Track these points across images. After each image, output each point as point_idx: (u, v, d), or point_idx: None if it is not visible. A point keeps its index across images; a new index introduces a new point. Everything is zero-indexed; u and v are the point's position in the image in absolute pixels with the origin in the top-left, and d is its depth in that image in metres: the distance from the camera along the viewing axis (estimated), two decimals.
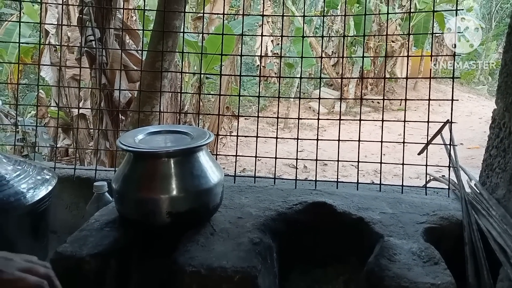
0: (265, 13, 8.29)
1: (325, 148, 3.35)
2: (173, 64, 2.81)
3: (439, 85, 12.11)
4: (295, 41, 7.69)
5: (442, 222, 1.09)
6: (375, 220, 1.08)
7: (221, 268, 0.86)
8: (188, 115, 4.96)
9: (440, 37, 11.68)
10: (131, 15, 5.56)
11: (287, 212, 1.12)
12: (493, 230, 1.00)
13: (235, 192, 1.27)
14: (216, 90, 8.60)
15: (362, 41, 1.51)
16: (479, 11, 14.36)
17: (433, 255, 0.92)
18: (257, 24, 7.98)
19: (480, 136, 7.43)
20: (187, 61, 6.31)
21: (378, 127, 1.37)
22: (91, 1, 2.85)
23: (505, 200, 1.10)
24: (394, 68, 10.86)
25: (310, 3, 11.91)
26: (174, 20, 2.26)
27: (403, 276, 0.85)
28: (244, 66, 12.36)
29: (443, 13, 7.41)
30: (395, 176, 4.92)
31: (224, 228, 1.02)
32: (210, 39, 4.61)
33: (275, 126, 8.34)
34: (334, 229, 1.12)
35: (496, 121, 1.24)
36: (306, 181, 1.49)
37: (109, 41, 2.98)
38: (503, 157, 1.16)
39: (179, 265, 0.88)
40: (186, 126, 1.16)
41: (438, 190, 1.37)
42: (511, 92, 1.15)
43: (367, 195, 1.26)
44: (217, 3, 5.82)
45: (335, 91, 11.00)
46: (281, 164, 5.75)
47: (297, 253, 1.12)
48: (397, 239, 0.98)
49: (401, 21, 9.73)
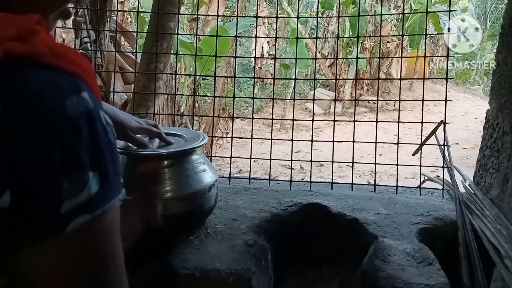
0: (260, 14, 8.30)
1: (321, 149, 3.35)
2: (169, 65, 2.81)
3: (434, 85, 12.15)
4: (291, 42, 7.70)
5: (436, 223, 1.09)
6: (369, 221, 1.08)
7: (215, 271, 0.86)
8: (185, 116, 4.95)
9: (435, 37, 11.73)
10: (126, 17, 5.55)
11: (281, 214, 1.12)
12: (487, 230, 1.01)
13: (230, 194, 1.27)
14: (212, 91, 8.59)
15: (357, 42, 1.51)
16: (474, 11, 14.44)
17: (427, 256, 0.92)
18: (252, 25, 7.98)
19: (475, 136, 7.44)
20: (183, 63, 6.30)
21: (374, 127, 1.37)
22: (85, 3, 2.84)
23: (499, 200, 1.10)
24: (390, 68, 10.88)
25: (305, 4, 11.93)
26: (168, 21, 2.25)
27: (397, 277, 0.85)
28: (240, 67, 12.36)
29: (438, 14, 7.43)
30: (391, 176, 4.92)
31: (218, 230, 1.02)
32: (205, 41, 4.60)
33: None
34: (329, 230, 1.12)
35: (489, 122, 1.24)
36: (301, 182, 1.49)
37: (104, 43, 2.97)
38: (496, 157, 1.16)
39: (173, 268, 0.87)
40: (180, 129, 1.16)
41: (432, 191, 1.38)
42: (504, 93, 1.15)
43: (361, 196, 1.26)
44: (212, 4, 5.82)
45: (331, 92, 11.00)
46: (277, 165, 5.74)
47: (292, 255, 1.12)
48: (391, 240, 0.98)
49: (396, 22, 9.76)
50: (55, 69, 0.36)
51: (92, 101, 0.38)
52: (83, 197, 0.36)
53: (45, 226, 0.35)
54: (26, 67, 0.35)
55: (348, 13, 9.01)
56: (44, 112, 0.34)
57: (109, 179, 0.38)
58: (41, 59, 0.36)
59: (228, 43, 4.71)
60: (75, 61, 0.38)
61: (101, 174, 0.37)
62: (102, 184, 0.37)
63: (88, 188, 0.36)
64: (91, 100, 0.37)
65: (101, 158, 0.37)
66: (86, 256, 0.38)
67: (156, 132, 0.95)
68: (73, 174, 0.35)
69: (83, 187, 0.36)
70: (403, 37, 1.59)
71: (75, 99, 0.36)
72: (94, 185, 0.36)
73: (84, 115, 0.36)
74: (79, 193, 0.35)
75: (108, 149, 0.38)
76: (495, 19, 15.66)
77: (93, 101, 0.38)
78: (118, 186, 0.40)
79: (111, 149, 0.39)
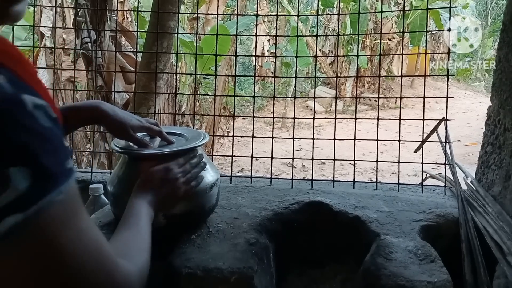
0: (260, 12, 8.29)
1: (323, 147, 3.35)
2: (169, 65, 2.81)
3: (436, 82, 12.13)
4: (292, 40, 7.69)
5: (439, 220, 1.09)
6: (371, 219, 1.08)
7: (217, 269, 0.86)
8: (186, 115, 4.95)
9: (436, 34, 11.69)
10: (127, 16, 5.55)
11: (283, 212, 1.12)
12: (489, 227, 1.00)
13: (231, 192, 1.27)
14: (213, 90, 8.59)
15: (358, 39, 1.51)
16: (475, 8, 14.38)
17: (429, 253, 0.92)
18: (253, 23, 7.98)
19: (477, 133, 7.44)
20: (184, 62, 6.29)
21: (375, 125, 1.37)
22: (86, 3, 2.84)
23: (501, 197, 1.10)
24: (391, 66, 10.86)
25: (306, 1, 11.90)
26: (168, 21, 2.25)
27: (399, 275, 0.85)
28: (241, 65, 12.35)
29: (438, 11, 7.41)
30: (393, 174, 4.92)
31: (220, 229, 1.02)
32: (206, 40, 4.60)
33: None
34: (331, 228, 1.12)
35: (491, 118, 1.24)
36: (303, 180, 1.49)
37: (104, 43, 2.97)
38: (498, 154, 1.16)
39: (175, 267, 0.87)
40: (181, 128, 1.16)
41: (434, 188, 1.37)
42: (505, 89, 1.15)
43: (363, 193, 1.26)
44: (213, 3, 5.81)
45: (332, 90, 10.99)
46: (279, 163, 5.75)
47: (294, 253, 1.11)
48: (393, 238, 0.98)
49: (397, 19, 9.74)
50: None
51: (12, 86, 0.34)
52: (9, 196, 0.32)
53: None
54: None
55: (349, 10, 9.00)
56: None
57: (47, 171, 0.34)
58: None
59: (228, 42, 4.71)
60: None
61: (31, 168, 0.33)
62: (35, 178, 0.33)
63: (14, 186, 0.32)
64: (10, 84, 0.34)
65: (27, 149, 0.33)
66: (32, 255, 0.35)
67: (157, 130, 0.95)
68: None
69: (6, 186, 0.32)
70: (404, 34, 1.59)
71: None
72: (22, 181, 0.32)
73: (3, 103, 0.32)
74: (2, 193, 0.32)
75: (39, 137, 0.34)
76: (496, 16, 15.60)
77: (13, 85, 0.34)
78: (63, 176, 0.36)
79: (45, 136, 0.35)
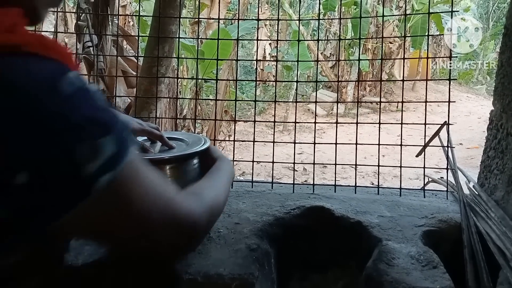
0: (262, 16, 8.31)
1: (324, 150, 3.34)
2: (171, 69, 2.81)
3: (437, 85, 12.12)
4: (293, 44, 7.70)
5: (441, 225, 1.08)
6: (373, 224, 1.07)
7: (218, 275, 0.85)
8: (187, 119, 4.96)
9: (438, 37, 11.70)
10: (128, 21, 5.57)
11: (284, 217, 1.12)
12: (492, 232, 1.00)
13: (232, 197, 1.26)
14: (214, 94, 8.61)
15: (359, 43, 1.50)
16: (476, 11, 14.41)
17: (431, 259, 0.91)
18: (254, 27, 8.00)
19: (479, 136, 7.42)
20: (185, 66, 6.31)
21: (377, 128, 1.37)
22: (88, 7, 2.86)
23: (504, 201, 1.09)
24: (392, 69, 10.87)
25: (307, 5, 11.93)
26: (170, 25, 2.26)
27: (401, 281, 0.84)
28: (242, 69, 12.37)
29: (440, 14, 7.42)
30: (394, 177, 4.92)
31: (221, 235, 1.01)
32: (207, 44, 4.61)
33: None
34: (333, 233, 1.11)
35: (493, 122, 1.23)
36: (304, 185, 1.49)
37: (106, 47, 2.98)
38: (501, 158, 1.15)
39: (175, 273, 0.87)
40: (181, 133, 1.15)
41: (436, 192, 1.36)
42: (508, 93, 1.14)
43: (365, 198, 1.26)
44: (214, 7, 5.83)
45: (334, 93, 11.00)
46: (280, 167, 5.75)
47: (295, 259, 1.11)
48: (395, 243, 0.98)
49: (398, 23, 9.75)
50: (42, 57, 0.40)
51: (80, 80, 0.42)
52: (101, 159, 0.40)
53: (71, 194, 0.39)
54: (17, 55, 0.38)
55: (350, 14, 9.02)
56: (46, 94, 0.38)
57: (121, 137, 0.43)
58: (27, 48, 0.39)
59: (230, 46, 4.71)
60: (55, 48, 0.42)
61: (112, 135, 0.42)
62: (117, 143, 0.42)
63: (104, 152, 0.40)
64: (79, 79, 0.42)
65: (108, 122, 0.42)
66: (123, 204, 0.45)
67: (158, 135, 0.96)
68: (84, 144, 0.39)
69: (99, 153, 0.40)
70: (405, 38, 1.58)
71: (67, 79, 0.40)
72: (109, 146, 0.41)
73: (78, 91, 0.41)
74: (96, 158, 0.40)
75: (109, 113, 0.43)
76: (497, 19, 15.62)
77: (80, 79, 0.42)
78: (130, 139, 0.46)
79: (111, 111, 0.44)
